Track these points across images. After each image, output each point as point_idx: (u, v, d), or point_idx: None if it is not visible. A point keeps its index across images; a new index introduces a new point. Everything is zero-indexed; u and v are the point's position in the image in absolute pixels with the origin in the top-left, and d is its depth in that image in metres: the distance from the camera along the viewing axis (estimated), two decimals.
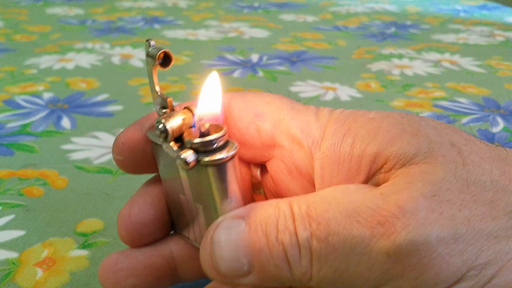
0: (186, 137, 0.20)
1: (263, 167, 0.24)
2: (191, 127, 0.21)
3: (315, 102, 0.55)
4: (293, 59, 0.71)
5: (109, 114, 0.51)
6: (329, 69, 0.67)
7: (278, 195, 0.24)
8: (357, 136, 0.20)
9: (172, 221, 0.24)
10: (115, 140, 0.23)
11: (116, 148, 0.23)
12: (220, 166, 0.20)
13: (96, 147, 0.44)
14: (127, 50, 0.73)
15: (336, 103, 0.55)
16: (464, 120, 0.51)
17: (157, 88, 0.21)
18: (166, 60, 0.21)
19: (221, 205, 0.20)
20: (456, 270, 0.17)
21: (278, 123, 0.22)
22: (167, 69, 0.21)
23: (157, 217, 0.24)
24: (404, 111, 0.21)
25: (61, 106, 0.53)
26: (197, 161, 0.20)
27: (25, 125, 0.48)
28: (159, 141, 0.21)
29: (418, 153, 0.18)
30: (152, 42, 0.20)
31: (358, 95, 0.58)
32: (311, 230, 0.18)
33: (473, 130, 0.48)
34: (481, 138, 0.47)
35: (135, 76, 0.62)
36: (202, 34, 0.84)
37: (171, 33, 0.84)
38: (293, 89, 0.59)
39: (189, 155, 0.20)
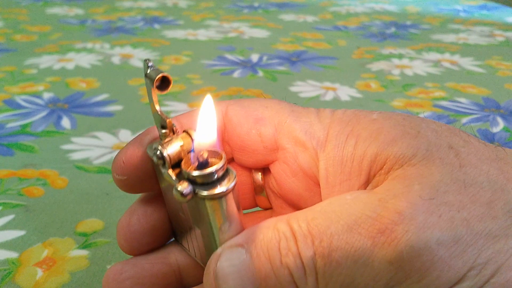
0: (183, 165, 0.20)
1: (265, 169, 0.24)
2: (189, 152, 0.20)
3: (315, 102, 0.55)
4: (293, 59, 0.71)
5: (109, 114, 0.51)
6: (329, 69, 0.67)
7: (282, 196, 0.24)
8: (360, 137, 0.20)
9: (173, 229, 0.24)
10: (114, 159, 0.22)
11: (118, 168, 0.22)
12: (219, 200, 0.19)
13: (96, 147, 0.44)
14: (127, 50, 0.73)
15: (336, 103, 0.55)
16: (464, 120, 0.51)
17: (157, 108, 0.21)
18: (164, 83, 0.20)
19: (220, 233, 0.20)
20: (457, 271, 0.17)
21: (280, 126, 0.22)
22: (165, 92, 0.20)
23: (156, 226, 0.23)
24: (404, 111, 0.21)
25: (61, 106, 0.53)
26: (195, 193, 0.19)
27: (25, 125, 0.48)
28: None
29: (416, 155, 0.18)
30: (150, 63, 0.20)
31: (358, 95, 0.58)
32: (314, 248, 0.18)
33: (473, 130, 0.48)
34: (481, 138, 0.47)
35: (135, 76, 0.62)
36: (202, 34, 0.84)
37: (171, 33, 0.84)
38: (293, 89, 0.59)
39: (185, 187, 0.19)
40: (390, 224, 0.17)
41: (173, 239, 0.25)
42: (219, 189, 0.19)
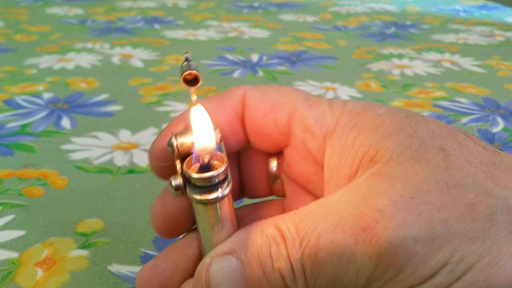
0: (186, 162, 0.20)
1: (280, 155, 0.25)
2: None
3: None
4: (293, 59, 0.71)
5: (109, 114, 0.51)
6: (329, 69, 0.67)
7: (294, 180, 0.25)
8: (361, 130, 0.21)
9: None
10: (152, 149, 0.23)
11: (159, 155, 0.22)
12: (210, 205, 0.19)
13: (96, 147, 0.44)
14: (127, 50, 0.73)
15: None
16: (464, 120, 0.51)
17: (193, 98, 0.21)
18: (194, 79, 0.20)
19: (211, 236, 0.20)
20: (431, 268, 0.17)
21: (294, 113, 0.23)
22: (193, 88, 0.20)
23: (189, 206, 0.24)
24: None
25: (61, 106, 0.53)
26: (186, 191, 0.19)
27: (25, 125, 0.48)
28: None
29: (405, 153, 0.19)
30: (186, 55, 0.20)
31: (358, 95, 0.58)
32: (302, 250, 0.18)
33: (473, 130, 0.48)
34: (481, 138, 0.47)
35: (135, 76, 0.62)
36: (202, 34, 0.84)
37: (171, 33, 0.84)
38: None
39: (177, 182, 0.19)
40: (372, 221, 0.17)
41: None
42: (212, 195, 0.19)
